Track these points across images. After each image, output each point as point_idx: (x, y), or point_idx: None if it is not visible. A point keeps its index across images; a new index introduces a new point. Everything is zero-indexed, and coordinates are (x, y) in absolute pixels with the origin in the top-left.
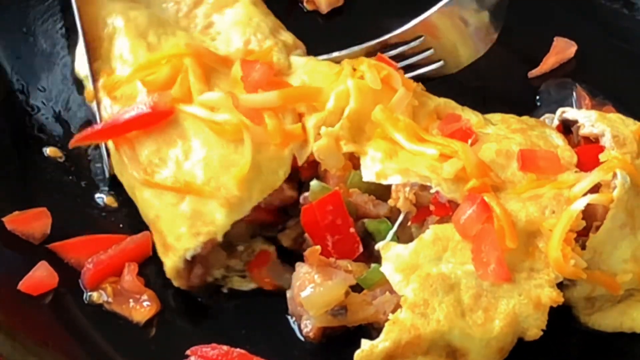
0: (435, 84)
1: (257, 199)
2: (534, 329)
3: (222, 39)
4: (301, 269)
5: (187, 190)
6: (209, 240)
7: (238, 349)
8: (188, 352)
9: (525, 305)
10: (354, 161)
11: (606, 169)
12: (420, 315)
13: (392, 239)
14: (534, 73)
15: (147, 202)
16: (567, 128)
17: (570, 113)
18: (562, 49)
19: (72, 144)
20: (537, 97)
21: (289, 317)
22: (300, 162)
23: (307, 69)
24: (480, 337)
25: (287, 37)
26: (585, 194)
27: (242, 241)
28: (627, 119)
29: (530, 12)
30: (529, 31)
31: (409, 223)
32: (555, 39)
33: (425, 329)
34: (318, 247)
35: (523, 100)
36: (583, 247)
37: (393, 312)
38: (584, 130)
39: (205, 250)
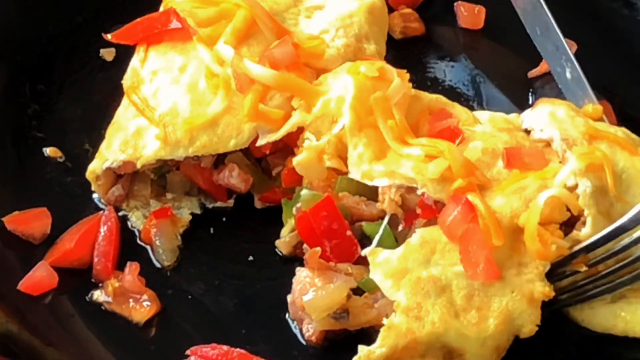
0: (434, 83)
1: (194, 152)
2: (529, 324)
3: (311, 21)
4: (301, 273)
5: (142, 112)
6: (128, 162)
7: (238, 349)
8: (188, 352)
9: (518, 301)
10: (338, 171)
11: (584, 158)
12: (415, 319)
13: (392, 242)
14: (534, 73)
15: (120, 107)
16: None
17: (526, 121)
18: None
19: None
20: (530, 93)
21: (290, 322)
22: (258, 143)
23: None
24: (476, 336)
25: (372, 49)
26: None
27: (173, 191)
28: (579, 118)
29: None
30: None
31: (400, 226)
32: None
33: (420, 332)
34: (318, 249)
35: (523, 100)
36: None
37: None
38: (535, 136)
39: (121, 170)
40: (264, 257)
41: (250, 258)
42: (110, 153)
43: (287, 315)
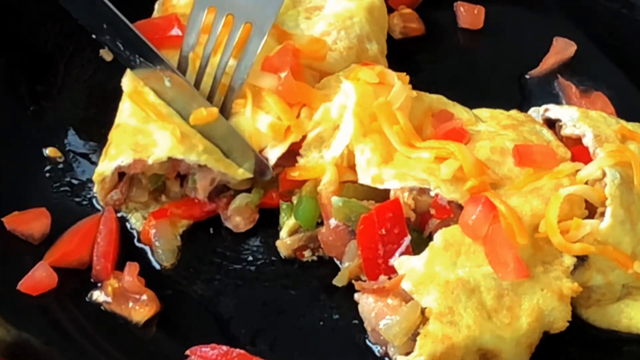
0: (434, 84)
1: (206, 161)
2: (560, 321)
3: (311, 22)
4: (367, 300)
5: (156, 114)
6: (138, 161)
7: (238, 349)
8: (188, 352)
9: (549, 298)
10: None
11: (613, 155)
12: (450, 324)
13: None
14: (534, 73)
15: (121, 111)
16: (551, 124)
17: (552, 111)
18: (562, 49)
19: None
20: (529, 94)
21: (290, 322)
22: (270, 160)
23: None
24: (510, 336)
25: (374, 49)
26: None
27: (170, 197)
28: (609, 117)
29: (529, 13)
30: (529, 31)
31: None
32: (555, 39)
33: (457, 337)
34: (365, 282)
35: (522, 100)
36: None
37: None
38: (566, 131)
39: (130, 169)
40: (263, 257)
41: (250, 258)
42: (119, 154)
43: (286, 315)
